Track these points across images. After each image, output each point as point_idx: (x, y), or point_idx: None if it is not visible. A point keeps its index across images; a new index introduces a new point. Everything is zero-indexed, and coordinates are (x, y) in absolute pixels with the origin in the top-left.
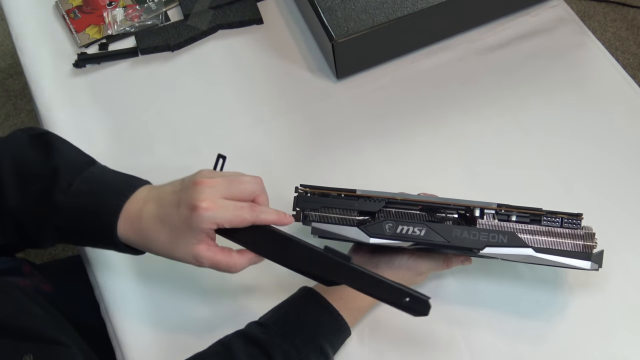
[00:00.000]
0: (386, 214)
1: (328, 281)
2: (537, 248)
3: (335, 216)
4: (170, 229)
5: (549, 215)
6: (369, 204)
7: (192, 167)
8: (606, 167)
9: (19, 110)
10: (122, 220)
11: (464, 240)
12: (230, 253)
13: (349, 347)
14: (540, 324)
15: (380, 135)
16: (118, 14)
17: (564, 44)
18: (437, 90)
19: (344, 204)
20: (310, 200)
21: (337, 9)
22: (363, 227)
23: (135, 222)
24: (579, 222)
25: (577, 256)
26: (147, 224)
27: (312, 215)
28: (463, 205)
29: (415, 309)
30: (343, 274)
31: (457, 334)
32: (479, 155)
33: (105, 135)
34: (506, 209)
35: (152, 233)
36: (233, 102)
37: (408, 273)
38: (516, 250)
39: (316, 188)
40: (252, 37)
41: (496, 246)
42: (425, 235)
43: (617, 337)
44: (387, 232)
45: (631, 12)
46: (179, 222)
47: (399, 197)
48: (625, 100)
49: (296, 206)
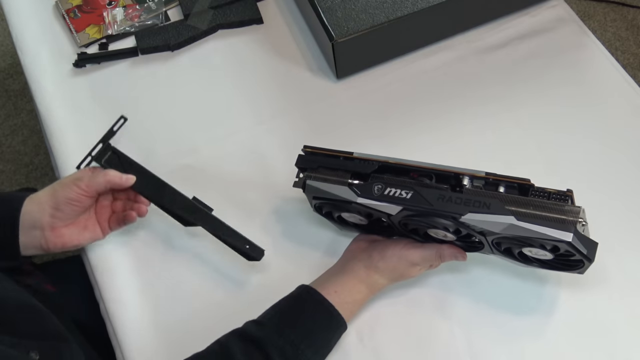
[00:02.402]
0: (379, 177)
1: (188, 221)
2: (520, 217)
3: (329, 177)
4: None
5: (537, 189)
6: (363, 166)
7: (192, 167)
8: (606, 166)
9: (19, 110)
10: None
11: (448, 205)
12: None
13: (349, 346)
14: (540, 323)
15: (380, 134)
16: (118, 13)
17: (564, 44)
18: (437, 90)
19: (340, 164)
20: (310, 159)
21: (337, 9)
22: (353, 186)
23: None
24: (567, 198)
25: (558, 227)
26: None
27: (308, 175)
28: (453, 171)
29: (252, 255)
30: (201, 217)
31: (456, 332)
32: (479, 154)
33: None
34: (494, 178)
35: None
36: (233, 101)
37: (400, 262)
38: (498, 217)
39: (318, 149)
40: (252, 37)
41: (479, 212)
42: (412, 199)
43: (618, 335)
44: (376, 193)
45: (631, 12)
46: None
47: (391, 161)
48: (625, 100)
49: (296, 164)
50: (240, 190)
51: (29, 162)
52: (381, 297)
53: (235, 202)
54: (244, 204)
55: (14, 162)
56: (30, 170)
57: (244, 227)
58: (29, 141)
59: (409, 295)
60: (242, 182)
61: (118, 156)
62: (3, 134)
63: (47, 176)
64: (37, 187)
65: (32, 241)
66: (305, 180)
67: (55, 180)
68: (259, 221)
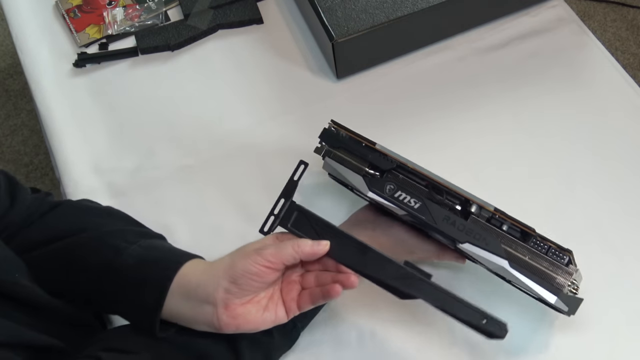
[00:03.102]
0: (394, 176)
1: (404, 294)
2: (513, 264)
3: (348, 160)
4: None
5: (538, 238)
6: (382, 161)
7: (192, 167)
8: (606, 166)
9: (19, 110)
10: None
11: (450, 229)
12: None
13: (349, 346)
14: (541, 326)
15: (380, 135)
16: (118, 13)
17: (564, 44)
18: (437, 90)
19: (361, 151)
20: (335, 136)
21: (337, 9)
22: (367, 179)
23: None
24: (564, 257)
25: (546, 287)
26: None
27: (330, 152)
28: (464, 196)
29: (492, 332)
30: (421, 288)
31: (457, 333)
32: (479, 154)
33: (105, 135)
34: (501, 216)
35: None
36: (233, 101)
37: (399, 245)
38: (493, 257)
39: (344, 128)
40: (252, 37)
41: (476, 246)
42: (418, 209)
43: (619, 341)
44: (387, 192)
45: (631, 12)
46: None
47: (410, 165)
48: (625, 100)
49: (321, 138)
50: (241, 191)
51: (29, 162)
52: (381, 297)
53: (235, 202)
54: (244, 204)
55: (14, 162)
56: (30, 170)
57: (244, 228)
58: (29, 141)
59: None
60: (242, 182)
61: (306, 216)
62: (3, 134)
63: (47, 176)
64: (37, 187)
65: (204, 317)
66: (325, 155)
67: (55, 180)
68: (259, 222)
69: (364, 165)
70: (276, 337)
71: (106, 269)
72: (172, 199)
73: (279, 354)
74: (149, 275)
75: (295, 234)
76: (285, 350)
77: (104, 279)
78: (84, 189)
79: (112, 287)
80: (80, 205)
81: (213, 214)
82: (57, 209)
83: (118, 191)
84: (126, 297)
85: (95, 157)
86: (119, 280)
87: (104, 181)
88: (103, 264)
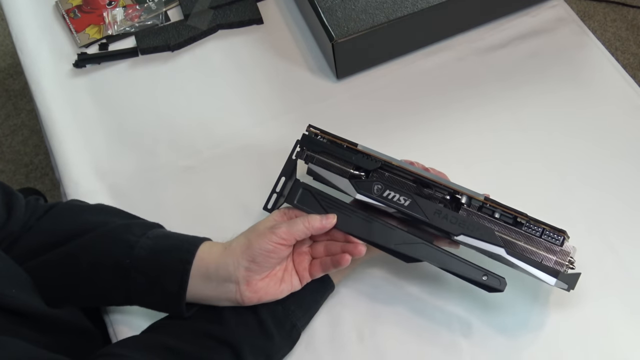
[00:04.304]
0: (380, 176)
1: (409, 257)
2: (510, 251)
3: (332, 163)
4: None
5: (531, 222)
6: (366, 161)
7: (193, 167)
8: (606, 166)
9: (19, 110)
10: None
11: (443, 223)
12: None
13: (349, 346)
14: (539, 321)
15: (380, 135)
16: (118, 13)
17: (564, 44)
18: (437, 90)
19: (343, 154)
20: (315, 142)
21: (337, 9)
22: (354, 181)
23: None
24: (560, 238)
25: (544, 269)
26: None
27: (312, 157)
28: (452, 188)
29: (492, 287)
30: (425, 251)
31: (457, 332)
32: (479, 154)
33: (105, 135)
34: (492, 204)
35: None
36: (233, 102)
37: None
38: (489, 246)
39: (324, 132)
40: (252, 37)
41: (471, 237)
42: (409, 207)
43: (616, 336)
44: (375, 192)
45: (631, 12)
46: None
47: (394, 162)
48: (625, 100)
49: (301, 143)
50: (241, 191)
51: (29, 162)
52: (381, 297)
53: (235, 202)
54: (244, 204)
55: (14, 162)
56: (30, 170)
57: (245, 227)
58: (29, 141)
59: (409, 294)
60: (242, 183)
61: (311, 193)
62: (3, 134)
63: (47, 176)
64: (37, 187)
65: (227, 295)
66: (307, 160)
67: (55, 180)
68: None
69: (349, 167)
70: (277, 339)
71: (122, 264)
72: (172, 199)
73: (281, 356)
74: (167, 264)
75: (304, 210)
76: (287, 352)
77: (121, 275)
78: (84, 189)
79: (131, 282)
80: (72, 205)
81: (213, 214)
82: (52, 211)
83: (118, 192)
84: (148, 288)
85: (96, 157)
86: (137, 273)
87: (104, 182)
88: (118, 260)
